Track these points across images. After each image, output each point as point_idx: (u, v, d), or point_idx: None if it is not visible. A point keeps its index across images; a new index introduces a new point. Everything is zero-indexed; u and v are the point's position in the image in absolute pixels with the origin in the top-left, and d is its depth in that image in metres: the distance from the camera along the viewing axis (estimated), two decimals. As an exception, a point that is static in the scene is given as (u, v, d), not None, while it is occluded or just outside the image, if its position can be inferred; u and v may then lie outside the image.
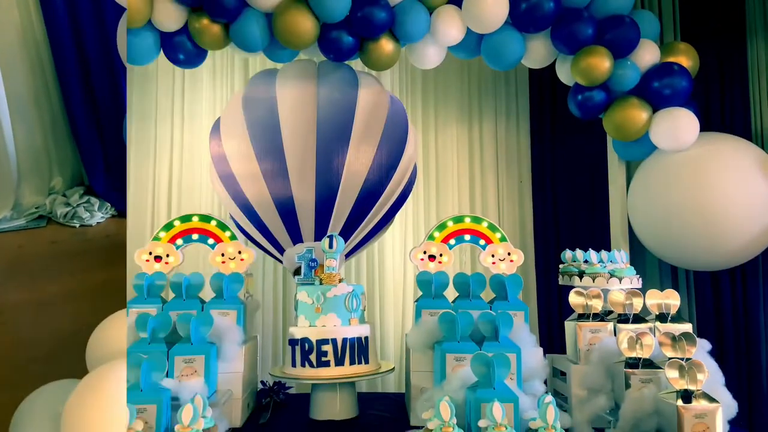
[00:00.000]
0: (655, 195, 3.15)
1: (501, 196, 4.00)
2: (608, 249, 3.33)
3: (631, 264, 3.50)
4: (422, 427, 1.77)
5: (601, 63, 3.01)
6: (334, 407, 2.20)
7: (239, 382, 2.11)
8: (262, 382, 2.46)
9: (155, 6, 2.90)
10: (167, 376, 1.91)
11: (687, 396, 1.80)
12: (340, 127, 3.17)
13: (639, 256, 3.60)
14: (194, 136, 3.94)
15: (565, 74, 3.23)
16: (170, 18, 2.94)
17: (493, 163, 4.03)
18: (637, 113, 3.08)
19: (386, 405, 2.46)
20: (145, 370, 1.81)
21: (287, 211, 3.19)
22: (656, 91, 3.06)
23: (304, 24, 2.93)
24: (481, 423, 1.73)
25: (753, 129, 3.86)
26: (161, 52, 3.10)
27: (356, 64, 3.30)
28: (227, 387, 2.07)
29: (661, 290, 3.62)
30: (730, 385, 3.52)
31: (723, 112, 3.83)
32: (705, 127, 3.55)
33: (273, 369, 2.33)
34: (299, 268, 2.55)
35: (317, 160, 3.15)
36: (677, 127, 3.04)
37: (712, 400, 1.81)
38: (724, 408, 1.84)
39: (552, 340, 3.36)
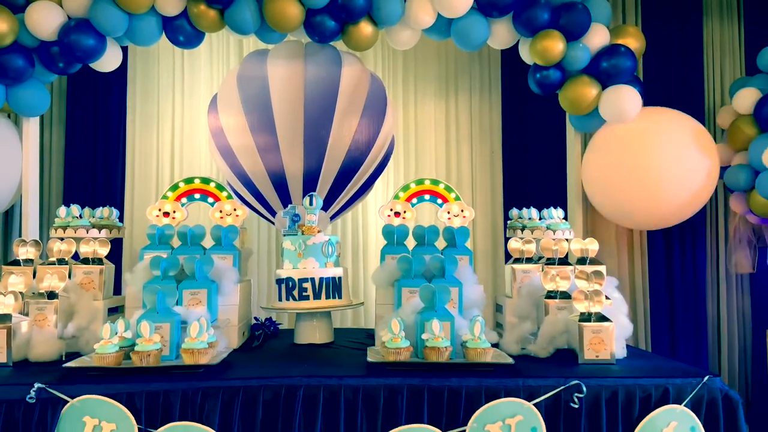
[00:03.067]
0: (603, 162, 3.66)
1: (474, 164, 4.54)
2: (566, 210, 3.89)
3: (588, 224, 4.05)
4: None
5: (555, 45, 3.49)
6: (313, 333, 2.78)
7: (236, 312, 2.67)
8: (255, 318, 3.04)
9: (158, -7, 3.39)
10: (177, 304, 2.47)
11: (588, 317, 2.36)
12: (326, 102, 3.63)
13: (599, 217, 4.12)
14: (193, 110, 4.46)
15: (526, 55, 3.70)
16: (171, 4, 3.42)
17: (468, 135, 4.55)
18: (588, 90, 3.57)
19: (359, 335, 3.05)
20: (160, 298, 2.37)
21: (279, 181, 3.70)
22: (604, 70, 3.54)
23: (291, 9, 3.41)
24: (424, 336, 2.29)
25: (705, 103, 4.37)
26: (163, 34, 3.59)
27: (341, 44, 3.78)
28: (226, 317, 2.63)
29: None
30: (679, 330, 4.11)
31: (680, 88, 4.33)
32: (661, 102, 4.06)
33: (266, 302, 2.89)
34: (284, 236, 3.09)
35: (305, 133, 3.63)
36: (622, 102, 3.52)
37: (607, 320, 2.36)
38: (618, 328, 2.40)
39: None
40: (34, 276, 2.64)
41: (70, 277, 2.68)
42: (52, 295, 2.52)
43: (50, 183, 4.26)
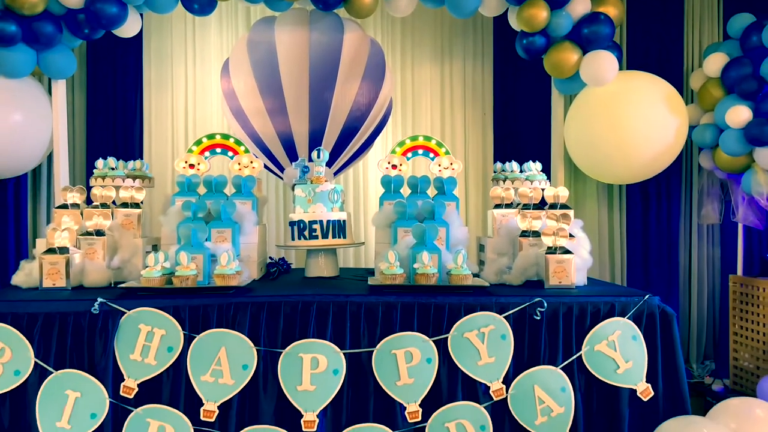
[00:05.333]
0: (583, 122, 4.16)
1: (467, 125, 5.04)
2: (549, 167, 4.41)
3: (572, 181, 4.59)
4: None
5: (540, 13, 3.94)
6: (321, 268, 3.34)
7: (255, 250, 3.22)
8: (270, 257, 3.60)
9: (176, -36, 3.84)
10: (206, 240, 3.02)
11: (554, 250, 2.91)
12: (329, 67, 4.09)
13: (582, 174, 4.65)
14: (205, 74, 4.93)
15: (514, 22, 4.15)
16: (188, -26, 3.88)
17: (461, 97, 5.04)
18: (570, 55, 4.04)
19: (360, 272, 3.63)
20: (194, 234, 2.92)
21: (287, 141, 4.20)
22: (585, 36, 4.00)
23: (296, -21, 3.87)
24: (416, 265, 2.84)
25: (684, 67, 4.84)
26: (179, 2, 4.04)
27: (343, 12, 4.22)
28: (247, 253, 3.18)
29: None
30: (652, 277, 4.66)
31: (660, 52, 4.79)
32: (643, 65, 4.54)
33: (277, 242, 3.44)
34: (295, 185, 3.62)
35: (310, 96, 4.10)
36: (600, 66, 3.99)
37: (569, 253, 2.91)
38: (579, 260, 2.95)
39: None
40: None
41: (112, 218, 3.22)
42: (99, 232, 3.07)
43: (74, 142, 4.75)
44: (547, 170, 4.29)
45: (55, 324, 2.59)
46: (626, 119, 3.97)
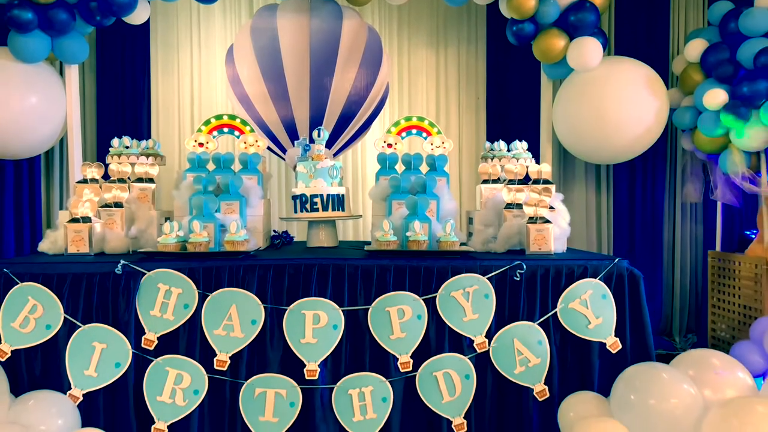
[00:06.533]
0: (569, 105, 4.51)
1: (461, 108, 5.40)
2: (538, 149, 4.76)
3: (561, 161, 4.93)
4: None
5: (529, 1, 4.27)
6: (321, 239, 3.70)
7: (260, 221, 3.57)
8: (274, 230, 3.95)
9: (182, -45, 4.17)
10: (217, 212, 3.37)
11: (535, 220, 3.26)
12: (328, 53, 4.42)
13: (569, 155, 4.99)
14: (210, 60, 5.28)
15: (505, 9, 4.48)
16: (194, -36, 4.21)
17: (456, 82, 5.40)
18: (557, 41, 4.38)
19: (358, 244, 3.98)
20: (206, 205, 3.27)
21: (289, 126, 4.53)
22: (572, 23, 4.33)
23: (297, -31, 4.20)
24: (408, 233, 3.20)
25: (670, 52, 5.17)
26: (186, -10, 4.38)
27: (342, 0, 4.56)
28: (253, 225, 3.53)
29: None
30: (638, 254, 4.99)
31: (647, 38, 5.13)
32: (630, 50, 4.87)
33: (281, 215, 3.78)
34: (296, 165, 3.97)
35: (311, 82, 4.43)
36: (586, 52, 4.33)
37: (549, 222, 3.26)
38: (558, 229, 3.30)
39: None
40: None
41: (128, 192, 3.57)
42: (118, 204, 3.42)
43: (85, 124, 5.08)
44: (536, 151, 4.64)
45: (82, 284, 2.94)
46: (608, 102, 4.32)
